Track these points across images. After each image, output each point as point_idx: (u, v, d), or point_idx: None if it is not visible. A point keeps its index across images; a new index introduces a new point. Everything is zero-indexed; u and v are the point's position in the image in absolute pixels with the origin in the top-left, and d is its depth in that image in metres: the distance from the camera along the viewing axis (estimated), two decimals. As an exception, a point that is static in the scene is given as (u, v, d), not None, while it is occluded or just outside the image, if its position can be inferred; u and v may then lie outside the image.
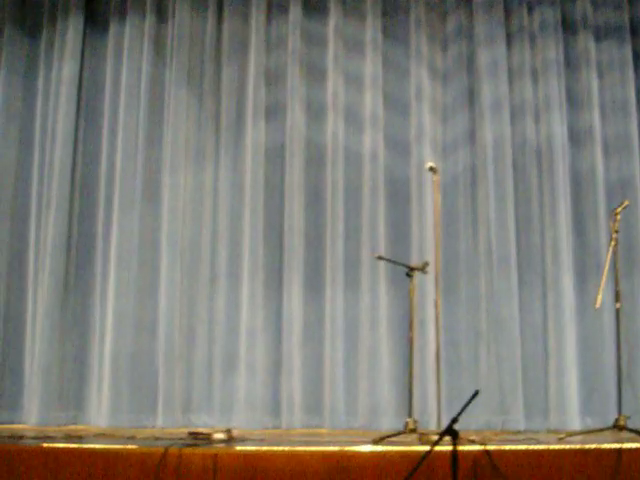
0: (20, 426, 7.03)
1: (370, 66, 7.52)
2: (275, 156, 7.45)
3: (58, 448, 5.12)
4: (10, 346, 7.41)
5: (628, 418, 5.86)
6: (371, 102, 7.45)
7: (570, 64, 7.51)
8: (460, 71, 7.55)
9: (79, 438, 5.74)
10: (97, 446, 5.14)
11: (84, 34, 7.78)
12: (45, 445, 5.17)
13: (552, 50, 7.43)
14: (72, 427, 7.01)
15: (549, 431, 6.72)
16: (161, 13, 7.74)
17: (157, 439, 5.70)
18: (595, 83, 7.44)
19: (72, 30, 7.73)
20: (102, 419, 7.06)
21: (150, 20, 7.68)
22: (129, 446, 5.11)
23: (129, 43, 7.67)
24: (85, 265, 7.48)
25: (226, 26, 7.69)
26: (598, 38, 7.56)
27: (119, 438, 5.76)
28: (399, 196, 7.37)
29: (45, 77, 7.82)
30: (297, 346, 7.09)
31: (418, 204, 7.26)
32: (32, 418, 7.10)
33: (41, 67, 7.87)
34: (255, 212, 7.32)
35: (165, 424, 7.05)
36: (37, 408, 7.11)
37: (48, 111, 7.71)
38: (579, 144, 7.40)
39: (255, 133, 7.45)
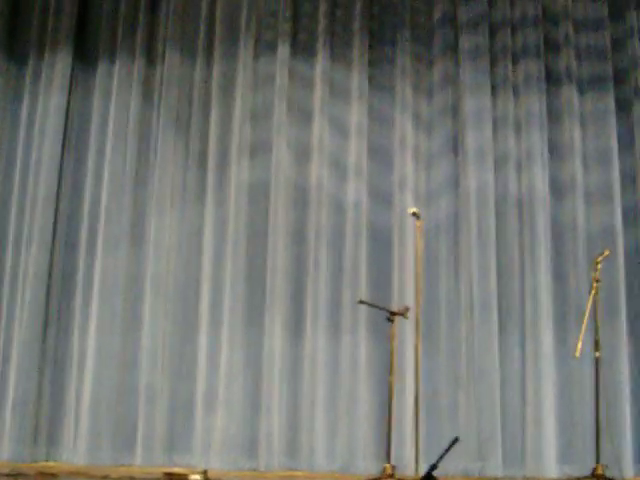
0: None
1: (355, 113, 7.59)
2: (259, 195, 7.48)
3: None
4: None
5: (606, 467, 5.87)
6: (355, 149, 7.52)
7: (553, 115, 7.57)
8: (445, 119, 7.63)
9: (52, 476, 5.68)
10: (70, 484, 5.10)
11: (72, 68, 7.83)
12: (18, 482, 5.14)
13: (535, 101, 7.51)
14: (46, 464, 6.94)
15: (526, 479, 6.72)
16: (150, 55, 7.85)
17: (132, 479, 5.64)
18: (577, 134, 7.48)
19: (60, 63, 7.79)
20: (79, 457, 6.98)
21: (139, 61, 7.76)
22: (103, 485, 5.08)
23: (118, 82, 7.75)
24: (66, 300, 7.46)
25: (215, 68, 7.77)
26: (581, 89, 7.63)
27: (93, 477, 5.70)
28: (381, 241, 7.39)
29: (30, 108, 7.84)
30: (277, 387, 7.07)
31: (400, 250, 7.28)
32: (5, 454, 7.02)
33: (26, 97, 7.88)
34: (237, 251, 7.34)
35: (144, 463, 6.97)
36: (11, 444, 7.04)
37: (32, 142, 7.72)
38: (560, 194, 7.43)
39: (240, 171, 7.50)
